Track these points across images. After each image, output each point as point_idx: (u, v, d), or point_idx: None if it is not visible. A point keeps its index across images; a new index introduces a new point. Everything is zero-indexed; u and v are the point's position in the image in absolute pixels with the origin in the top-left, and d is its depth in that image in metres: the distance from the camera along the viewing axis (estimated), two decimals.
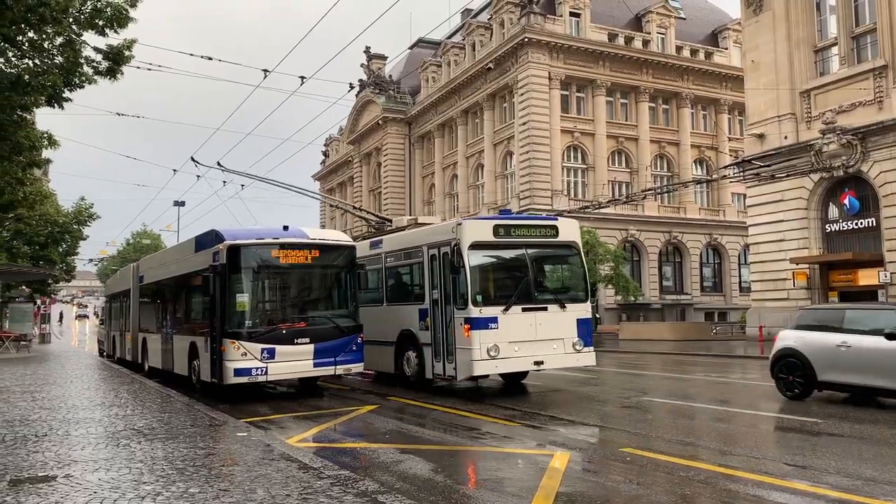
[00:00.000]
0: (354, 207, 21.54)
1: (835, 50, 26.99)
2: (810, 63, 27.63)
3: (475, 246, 13.04)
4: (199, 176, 23.13)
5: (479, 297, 12.74)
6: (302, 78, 18.76)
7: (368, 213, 20.08)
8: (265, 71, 17.98)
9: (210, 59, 18.05)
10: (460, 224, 13.19)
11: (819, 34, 27.68)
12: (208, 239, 14.84)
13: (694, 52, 45.52)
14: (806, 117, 27.39)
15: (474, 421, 10.91)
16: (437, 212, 50.18)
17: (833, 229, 27.33)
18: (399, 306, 15.42)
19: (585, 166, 42.34)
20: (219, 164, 18.42)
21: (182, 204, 53.86)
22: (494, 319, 12.75)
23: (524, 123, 40.60)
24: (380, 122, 54.79)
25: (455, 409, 12.07)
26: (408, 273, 15.69)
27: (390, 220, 20.20)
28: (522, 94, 40.73)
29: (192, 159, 18.10)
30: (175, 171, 26.57)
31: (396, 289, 16.05)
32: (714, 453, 8.22)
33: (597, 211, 33.95)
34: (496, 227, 13.42)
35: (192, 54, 17.78)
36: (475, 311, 12.60)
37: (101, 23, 12.85)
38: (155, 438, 8.80)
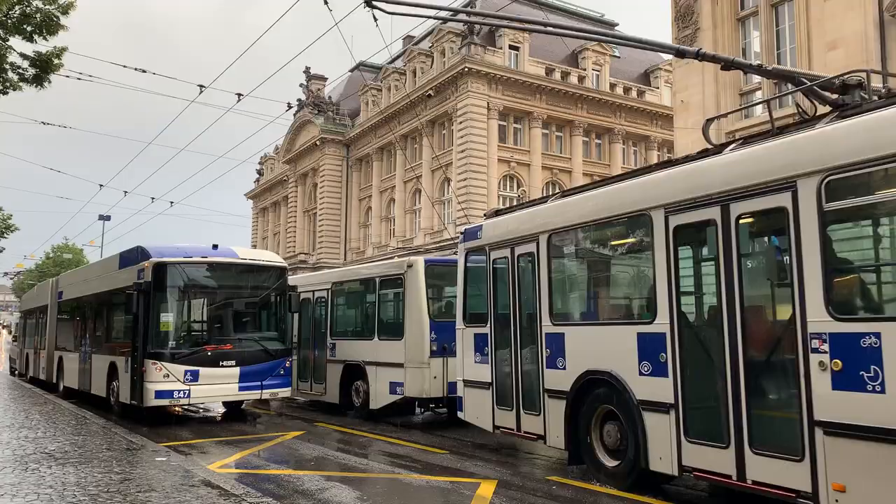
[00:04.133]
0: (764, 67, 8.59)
1: (759, 94, 28.32)
2: (736, 106, 28.89)
3: None
4: (125, 192, 22.49)
5: None
6: (239, 95, 18.52)
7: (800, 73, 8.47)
8: (201, 86, 17.70)
9: (144, 71, 17.65)
10: None
11: (745, 78, 29.02)
12: (133, 255, 14.41)
13: (627, 89, 47.00)
14: None
15: (403, 448, 10.82)
16: (372, 235, 50.02)
17: None
18: None
19: (520, 195, 42.99)
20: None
21: (108, 218, 51.86)
22: None
23: (462, 151, 41.01)
24: (317, 142, 54.44)
25: (384, 436, 11.95)
26: None
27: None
28: (461, 123, 41.20)
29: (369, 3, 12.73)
30: (101, 185, 25.75)
31: None
32: None
33: None
34: None
35: (125, 66, 17.34)
36: None
37: (29, 29, 12.45)
38: (67, 462, 8.40)
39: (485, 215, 10.77)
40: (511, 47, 42.91)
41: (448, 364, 12.11)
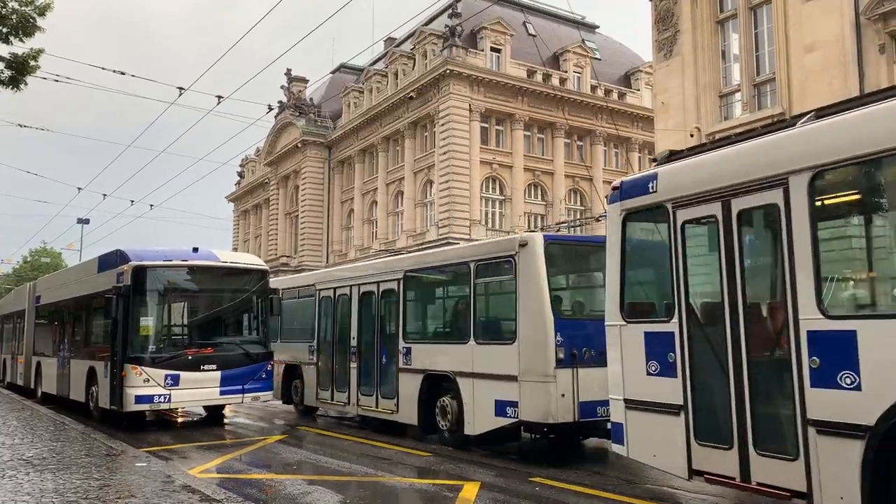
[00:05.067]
0: None
1: (738, 96, 28.58)
2: (716, 107, 29.14)
3: None
4: (105, 195, 22.29)
5: None
6: (219, 97, 18.40)
7: None
8: (180, 89, 17.56)
9: (123, 73, 17.54)
10: None
11: (724, 81, 29.27)
12: (112, 259, 14.28)
13: (608, 91, 47.22)
14: None
15: (386, 451, 10.78)
16: (355, 237, 49.90)
17: None
18: None
19: (503, 197, 43.07)
20: None
21: (86, 222, 51.25)
22: None
23: (444, 153, 41.03)
24: (299, 144, 54.23)
25: (365, 440, 11.91)
26: None
27: None
28: (443, 125, 41.21)
29: None
30: (80, 188, 25.49)
31: None
32: None
33: None
34: None
35: (103, 68, 17.17)
36: None
37: (5, 30, 12.27)
38: (45, 469, 8.28)
39: (654, 161, 7.76)
40: (493, 49, 43.02)
41: (578, 376, 9.19)
